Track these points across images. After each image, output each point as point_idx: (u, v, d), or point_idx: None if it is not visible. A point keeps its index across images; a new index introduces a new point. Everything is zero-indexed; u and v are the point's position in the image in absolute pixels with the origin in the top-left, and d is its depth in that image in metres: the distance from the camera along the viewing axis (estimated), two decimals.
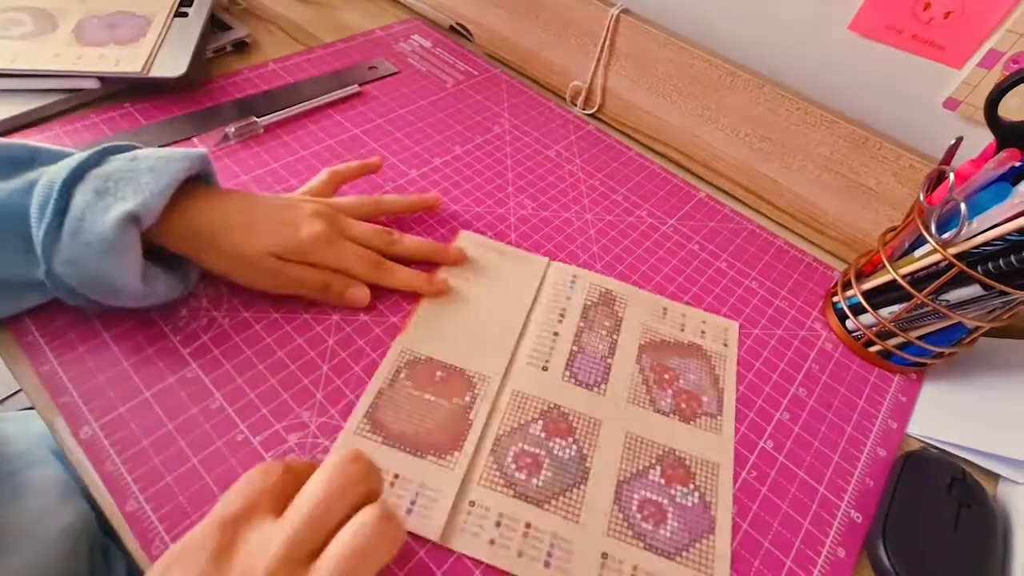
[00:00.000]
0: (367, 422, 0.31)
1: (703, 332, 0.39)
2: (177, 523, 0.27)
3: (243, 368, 0.32)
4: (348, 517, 0.20)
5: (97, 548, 0.37)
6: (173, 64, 0.46)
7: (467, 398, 0.33)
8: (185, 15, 0.51)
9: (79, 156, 0.29)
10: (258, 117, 0.46)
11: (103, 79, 0.45)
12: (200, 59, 0.48)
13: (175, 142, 0.44)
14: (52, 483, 0.37)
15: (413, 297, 0.37)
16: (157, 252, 0.32)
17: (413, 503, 0.29)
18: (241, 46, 0.55)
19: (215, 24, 0.54)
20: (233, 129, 0.44)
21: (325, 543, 0.20)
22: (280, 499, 0.21)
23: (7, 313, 0.31)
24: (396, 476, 0.29)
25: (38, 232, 0.28)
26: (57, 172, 0.29)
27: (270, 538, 0.19)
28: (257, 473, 0.22)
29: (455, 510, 0.29)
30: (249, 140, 0.45)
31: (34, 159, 0.30)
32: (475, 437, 0.31)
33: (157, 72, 0.45)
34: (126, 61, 0.45)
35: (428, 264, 0.39)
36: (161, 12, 0.50)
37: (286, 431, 0.30)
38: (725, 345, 0.39)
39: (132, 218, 0.28)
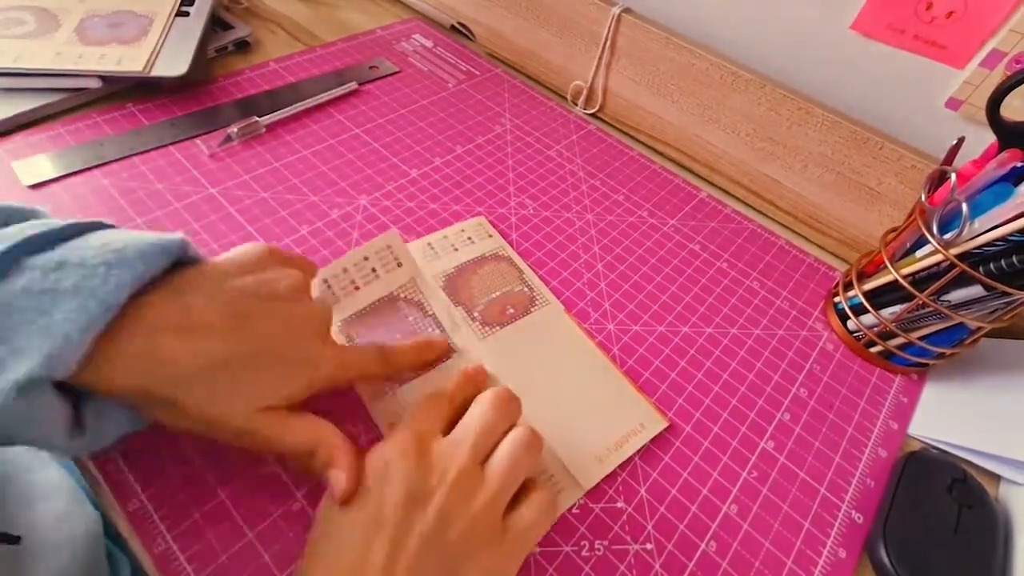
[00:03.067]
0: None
1: (470, 239, 0.41)
2: (179, 522, 0.27)
3: None
4: (504, 434, 0.27)
5: (105, 554, 0.37)
6: (175, 63, 0.46)
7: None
8: (187, 14, 0.51)
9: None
10: (259, 117, 0.46)
11: (105, 78, 0.45)
12: (202, 58, 0.48)
13: (177, 141, 0.44)
14: (58, 487, 0.37)
15: None
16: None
17: None
18: (243, 45, 0.55)
19: (216, 23, 0.54)
20: (236, 129, 0.44)
21: (491, 452, 0.26)
22: (449, 422, 0.28)
23: None
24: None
25: None
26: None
27: (455, 446, 0.26)
28: (436, 399, 0.29)
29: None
30: (251, 140, 0.45)
31: None
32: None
33: (159, 71, 0.45)
34: (128, 60, 0.45)
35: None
36: (163, 11, 0.50)
37: None
38: (490, 236, 0.42)
39: (32, 383, 0.20)
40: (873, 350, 0.39)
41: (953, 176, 0.32)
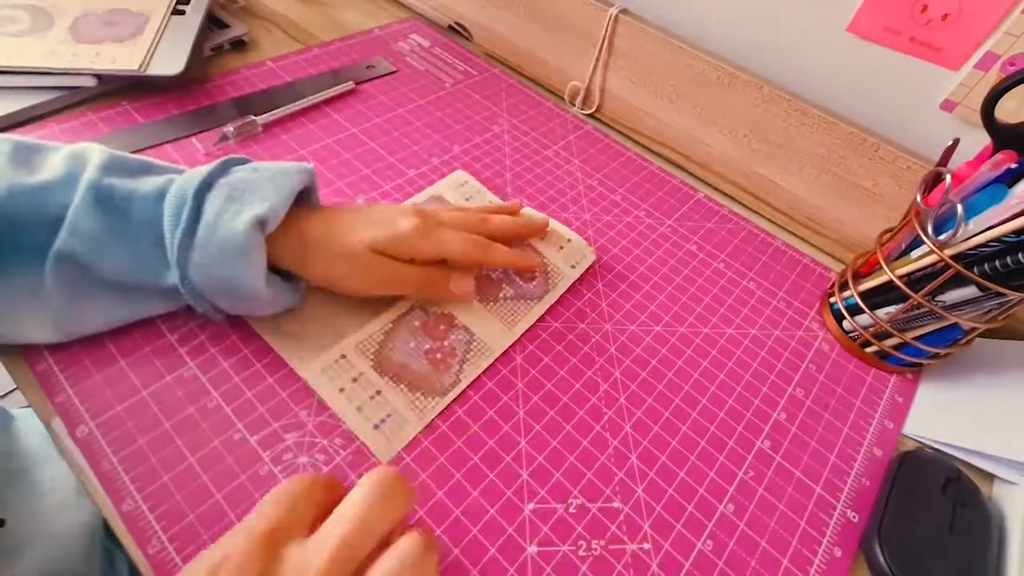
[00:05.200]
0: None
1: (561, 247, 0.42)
2: (174, 523, 0.27)
3: (240, 367, 0.32)
4: (385, 538, 0.21)
5: (104, 549, 0.37)
6: (171, 62, 0.46)
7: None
8: (183, 13, 0.51)
9: (207, 167, 0.31)
10: (256, 116, 0.46)
11: (100, 77, 0.44)
12: (198, 57, 0.48)
13: (173, 140, 0.44)
14: (65, 479, 0.37)
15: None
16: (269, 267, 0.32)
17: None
18: (239, 44, 0.54)
19: (213, 22, 0.54)
20: (232, 128, 0.44)
21: (365, 563, 0.20)
22: (317, 513, 0.21)
23: (127, 319, 0.32)
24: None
25: (173, 238, 0.29)
26: (188, 181, 0.30)
27: (312, 554, 0.19)
28: (295, 485, 0.21)
29: (329, 359, 0.33)
30: (247, 139, 0.45)
31: (150, 168, 0.32)
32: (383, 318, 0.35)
33: (154, 70, 0.45)
34: (123, 59, 0.45)
35: (518, 240, 0.41)
36: (158, 10, 0.50)
37: (283, 430, 0.30)
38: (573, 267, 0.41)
39: (260, 222, 0.29)
40: (868, 350, 0.40)
41: (948, 177, 0.33)
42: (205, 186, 0.30)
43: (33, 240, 0.28)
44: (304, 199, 0.34)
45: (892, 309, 0.37)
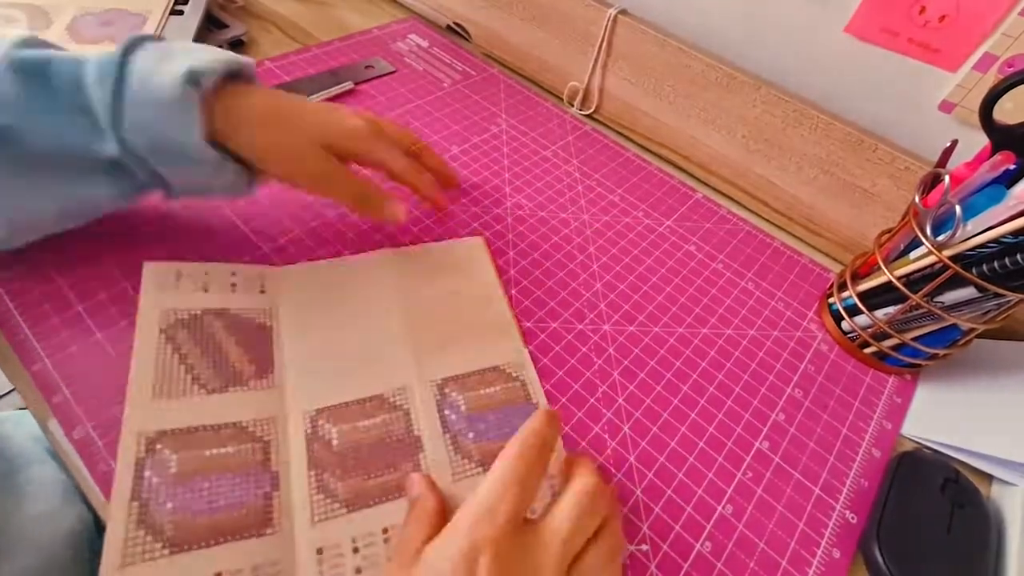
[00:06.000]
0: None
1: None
2: None
3: None
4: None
5: (93, 554, 0.37)
6: None
7: None
8: (181, 13, 0.51)
9: (130, 36, 0.29)
10: None
11: None
12: None
13: None
14: (52, 484, 0.37)
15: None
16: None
17: None
18: (237, 44, 0.54)
19: (211, 22, 0.54)
20: None
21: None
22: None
23: (79, 205, 0.31)
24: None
25: (103, 96, 0.27)
26: (110, 50, 0.28)
27: (543, 552, 0.21)
28: (526, 460, 0.23)
29: None
30: None
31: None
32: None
33: None
34: None
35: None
36: (157, 9, 0.50)
37: None
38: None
39: (193, 77, 0.28)
40: (867, 351, 0.40)
41: (946, 178, 0.33)
42: (133, 46, 0.29)
43: None
44: (243, 79, 0.33)
45: (891, 310, 0.37)
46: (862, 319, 0.39)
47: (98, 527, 0.38)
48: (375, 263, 0.38)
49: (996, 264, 0.31)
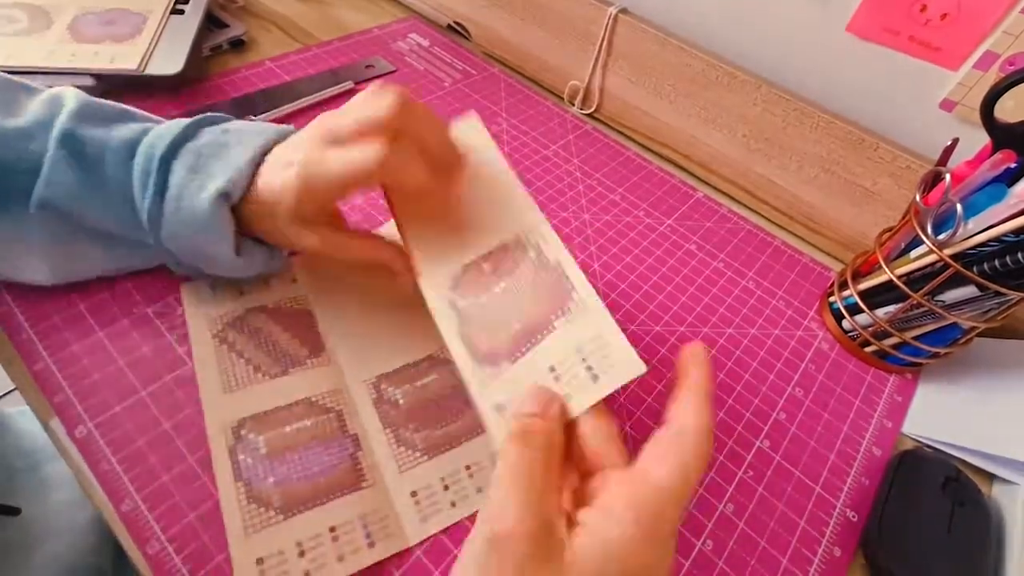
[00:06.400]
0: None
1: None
2: (173, 523, 0.27)
3: None
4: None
5: (114, 541, 0.38)
6: (169, 62, 0.46)
7: None
8: (182, 12, 0.51)
9: (178, 125, 0.30)
10: (255, 116, 0.46)
11: (98, 76, 0.44)
12: (197, 57, 0.48)
13: None
14: (73, 477, 0.38)
15: None
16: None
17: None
18: (238, 44, 0.54)
19: (212, 22, 0.54)
20: None
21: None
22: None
23: (117, 269, 0.33)
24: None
25: (142, 204, 0.29)
26: (156, 141, 0.29)
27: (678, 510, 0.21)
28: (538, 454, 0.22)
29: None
30: None
31: (126, 116, 0.31)
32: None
33: (153, 70, 0.45)
34: (122, 58, 0.45)
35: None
36: (157, 9, 0.50)
37: None
38: None
39: (223, 196, 0.29)
40: (868, 349, 0.40)
41: (947, 177, 0.33)
42: (170, 153, 0.29)
43: (16, 184, 0.28)
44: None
45: (891, 308, 0.37)
46: (863, 318, 0.39)
47: None
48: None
49: (997, 262, 0.31)
